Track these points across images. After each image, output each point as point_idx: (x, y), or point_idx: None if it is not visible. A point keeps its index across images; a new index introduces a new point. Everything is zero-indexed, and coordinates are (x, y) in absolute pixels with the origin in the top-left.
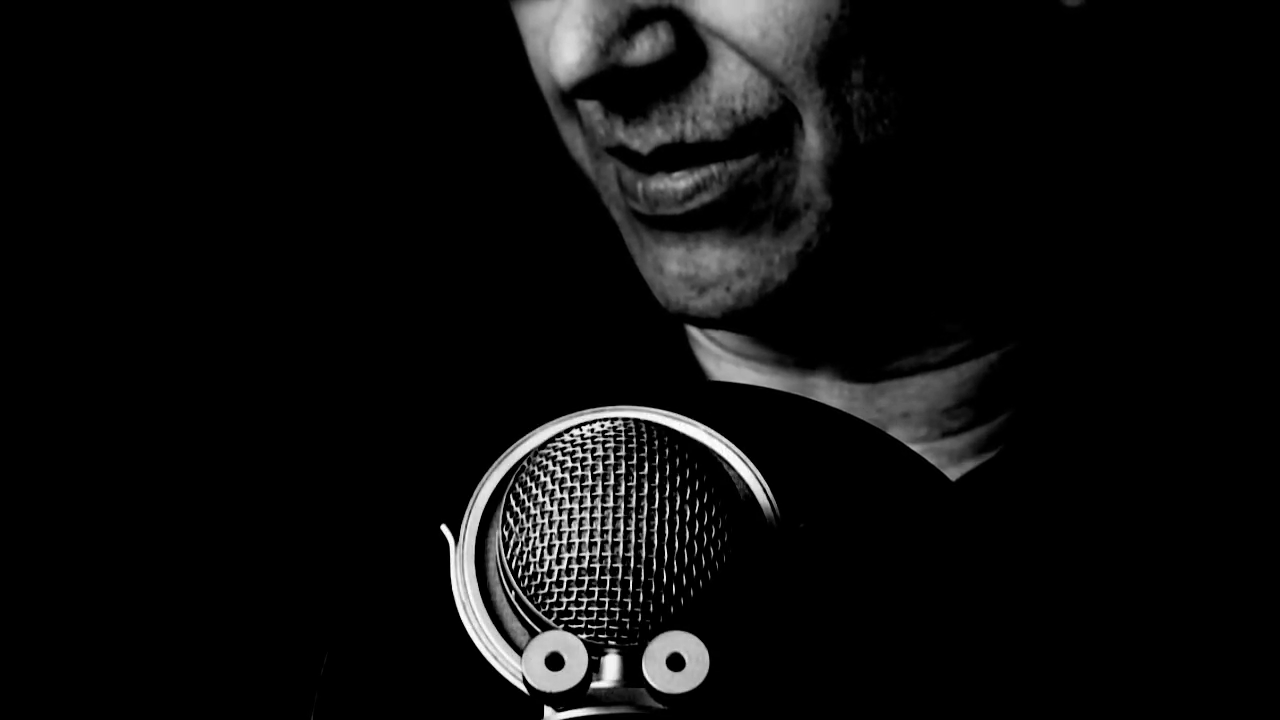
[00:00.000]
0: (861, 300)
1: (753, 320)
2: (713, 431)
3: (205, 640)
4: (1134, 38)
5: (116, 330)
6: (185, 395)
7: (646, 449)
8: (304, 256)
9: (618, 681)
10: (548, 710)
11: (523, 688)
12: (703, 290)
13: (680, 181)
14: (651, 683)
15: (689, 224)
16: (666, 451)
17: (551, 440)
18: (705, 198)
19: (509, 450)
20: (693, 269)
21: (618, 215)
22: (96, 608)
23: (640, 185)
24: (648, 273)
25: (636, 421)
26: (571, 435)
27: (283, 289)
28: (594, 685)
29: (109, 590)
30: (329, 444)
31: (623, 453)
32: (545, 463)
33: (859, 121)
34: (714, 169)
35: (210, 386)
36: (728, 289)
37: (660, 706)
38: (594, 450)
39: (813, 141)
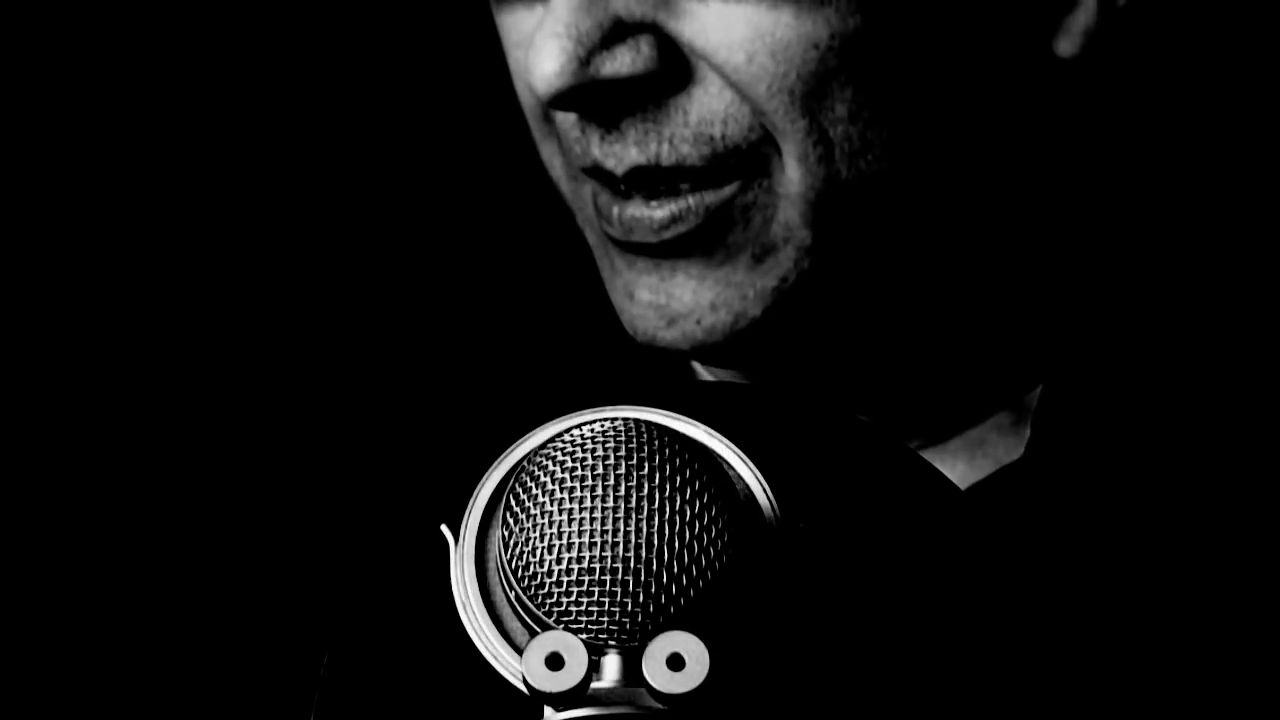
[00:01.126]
0: (842, 339)
1: (721, 355)
2: (713, 431)
3: (205, 640)
4: (1132, 83)
5: (116, 330)
6: (185, 395)
7: (646, 449)
8: (304, 259)
9: (618, 681)
10: (548, 710)
11: (523, 688)
12: (672, 321)
13: (657, 211)
14: (651, 683)
15: (664, 252)
16: (666, 451)
17: (551, 440)
18: (681, 228)
19: (509, 450)
20: (664, 298)
21: (592, 238)
22: (96, 608)
23: (616, 210)
24: (617, 299)
25: (636, 421)
26: (571, 435)
27: (283, 291)
28: (594, 685)
29: (109, 590)
30: (329, 445)
31: (623, 453)
32: (545, 463)
33: (841, 156)
34: (691, 201)
35: (210, 387)
36: (698, 322)
37: (660, 706)
38: (594, 450)
39: (793, 174)
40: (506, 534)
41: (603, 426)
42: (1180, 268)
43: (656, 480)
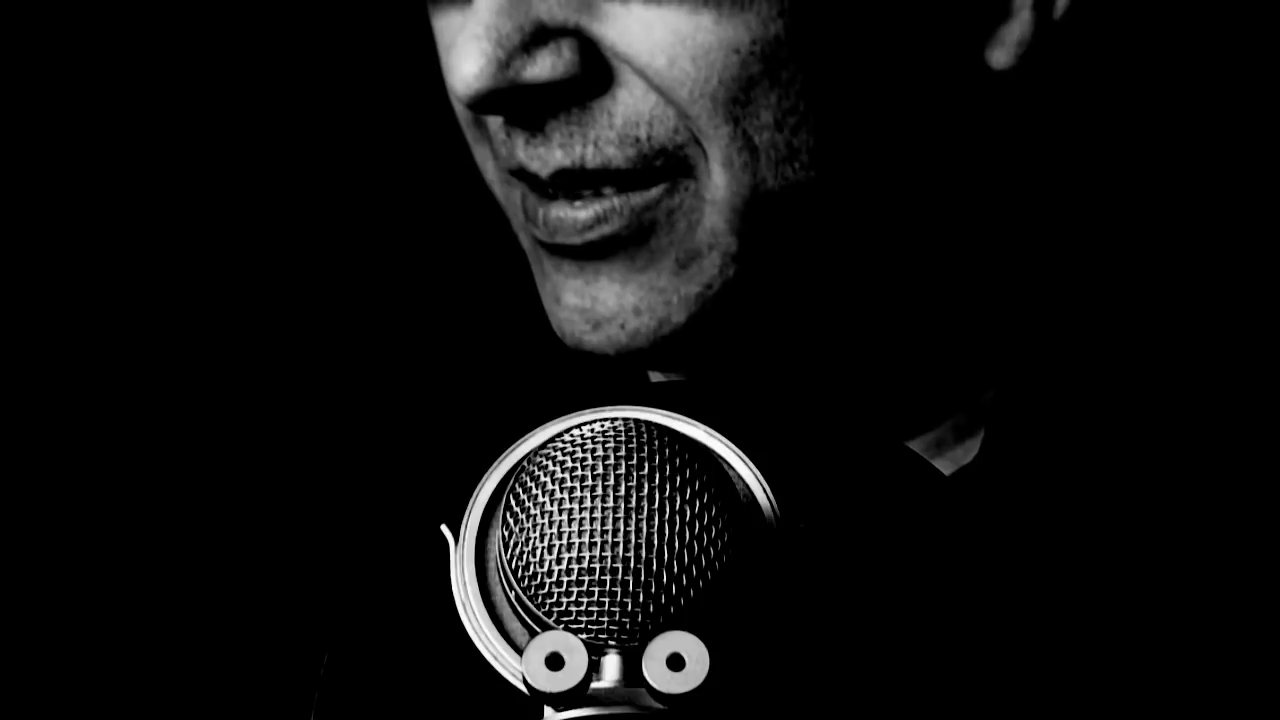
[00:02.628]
0: (781, 345)
1: (647, 360)
2: (713, 431)
3: (205, 640)
4: (1069, 92)
5: (116, 330)
6: (186, 396)
7: (646, 449)
8: (304, 259)
9: (618, 681)
10: (548, 710)
11: (523, 688)
12: (597, 325)
13: (581, 211)
14: (651, 683)
15: (587, 254)
16: (666, 451)
17: (551, 440)
18: (605, 229)
19: (509, 450)
20: (589, 302)
21: (525, 242)
22: (96, 608)
23: (541, 212)
24: (546, 302)
25: (636, 421)
26: (571, 435)
27: (282, 291)
28: (594, 685)
29: (109, 590)
30: (329, 445)
31: (623, 453)
32: (545, 463)
33: (768, 163)
34: (615, 201)
35: (210, 388)
36: (622, 326)
37: (660, 706)
38: (594, 450)
39: (718, 179)
40: (506, 534)
41: (602, 426)
42: (1128, 270)
43: (656, 480)
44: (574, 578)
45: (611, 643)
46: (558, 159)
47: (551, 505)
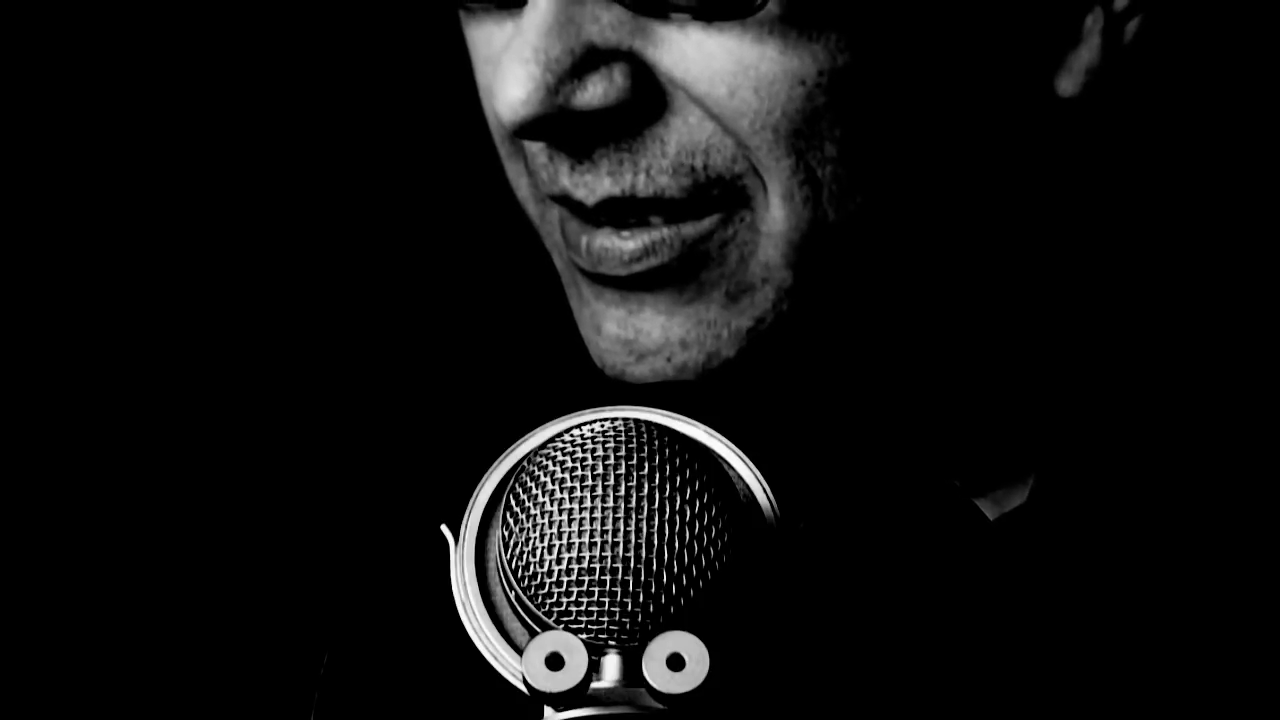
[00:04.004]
0: (829, 380)
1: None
2: (713, 431)
3: (205, 640)
4: (1133, 125)
5: (116, 330)
6: (186, 396)
7: (646, 449)
8: (304, 259)
9: (618, 681)
10: (548, 710)
11: (523, 688)
12: (641, 357)
13: (628, 242)
14: (651, 683)
15: (632, 285)
16: (666, 451)
17: (551, 440)
18: (653, 261)
19: (509, 450)
20: (632, 333)
21: (559, 263)
22: (96, 608)
23: (585, 240)
24: (585, 330)
25: (636, 421)
26: (571, 435)
27: (283, 291)
28: (594, 685)
29: (109, 590)
30: (329, 445)
31: (623, 453)
32: (545, 463)
33: (829, 197)
34: (665, 232)
35: (211, 388)
36: (669, 359)
37: (660, 706)
38: (594, 450)
39: (777, 213)
40: (506, 534)
41: (603, 426)
42: (1189, 311)
43: (656, 480)
44: (574, 578)
45: (611, 643)
46: (606, 187)
47: (551, 505)
